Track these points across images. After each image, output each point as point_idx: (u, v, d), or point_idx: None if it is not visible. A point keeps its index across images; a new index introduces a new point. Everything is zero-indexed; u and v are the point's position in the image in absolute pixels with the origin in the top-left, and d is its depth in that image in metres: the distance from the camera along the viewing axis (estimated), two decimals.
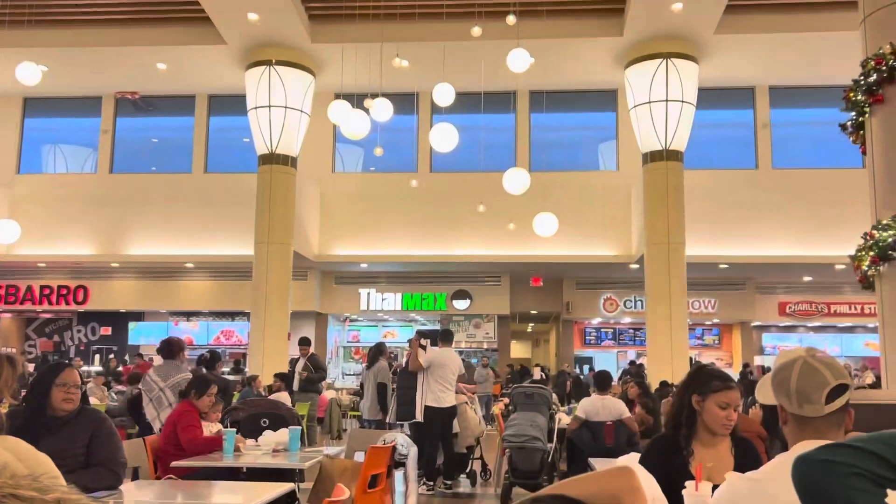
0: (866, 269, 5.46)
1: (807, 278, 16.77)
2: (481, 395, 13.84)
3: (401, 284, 17.04)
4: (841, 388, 1.82)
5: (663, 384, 10.19)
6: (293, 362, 11.24)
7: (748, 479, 1.86)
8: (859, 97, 5.51)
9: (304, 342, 10.47)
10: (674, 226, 12.21)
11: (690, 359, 12.90)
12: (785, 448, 1.86)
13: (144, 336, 18.10)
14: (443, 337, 7.61)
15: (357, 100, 10.01)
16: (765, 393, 1.94)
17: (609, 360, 18.80)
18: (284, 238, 12.80)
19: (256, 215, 12.81)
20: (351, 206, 15.27)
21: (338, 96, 12.82)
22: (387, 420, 8.63)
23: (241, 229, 13.81)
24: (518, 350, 22.40)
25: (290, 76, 12.90)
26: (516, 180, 10.08)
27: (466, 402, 7.97)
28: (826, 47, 12.10)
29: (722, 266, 14.86)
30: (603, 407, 6.27)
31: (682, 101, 12.33)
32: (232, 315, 17.67)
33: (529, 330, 22.26)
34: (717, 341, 19.39)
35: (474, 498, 7.55)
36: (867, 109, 5.52)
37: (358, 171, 16.07)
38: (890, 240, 5.19)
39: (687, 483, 2.49)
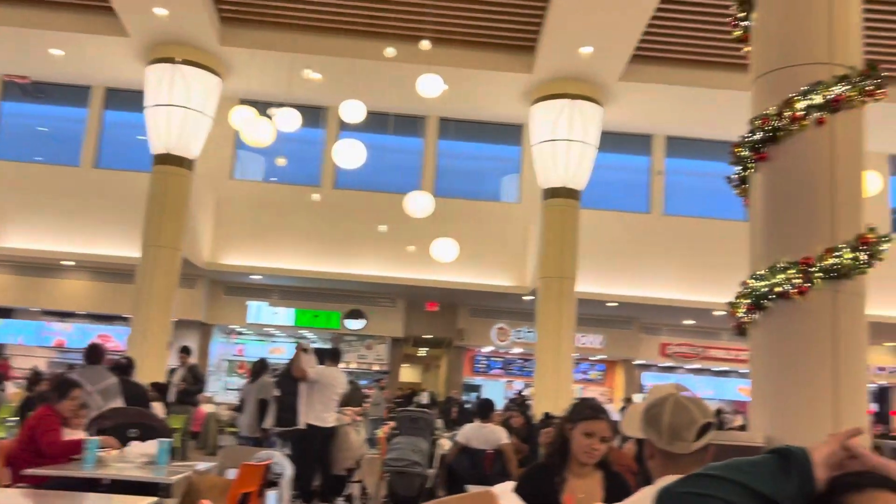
0: (741, 316, 5.71)
1: (688, 322, 17.52)
2: (374, 417, 13.72)
3: (293, 300, 16.70)
4: (707, 426, 1.88)
5: (546, 416, 10.36)
6: (171, 372, 10.77)
7: None
8: (745, 153, 5.80)
9: (184, 351, 10.06)
10: (567, 261, 12.52)
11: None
12: (650, 483, 1.89)
13: (12, 335, 16.95)
14: (330, 355, 7.47)
15: (264, 108, 9.81)
16: (632, 426, 1.98)
17: (497, 388, 19.00)
18: (174, 243, 12.31)
19: (146, 217, 12.27)
20: (248, 215, 14.88)
21: (244, 102, 12.57)
22: (264, 426, 8.33)
23: (127, 230, 13.20)
24: (409, 374, 22.28)
25: (195, 77, 12.51)
26: (419, 203, 10.11)
27: (350, 424, 7.84)
28: (720, 103, 12.77)
29: (610, 304, 15.34)
30: (483, 434, 6.30)
31: (584, 143, 12.73)
32: (110, 319, 16.79)
33: (422, 354, 22.22)
34: (601, 377, 19.94)
35: None
36: (752, 165, 5.81)
37: (258, 180, 15.72)
38: (764, 289, 5.45)
39: None
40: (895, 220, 16.36)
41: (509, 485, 3.40)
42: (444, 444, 7.36)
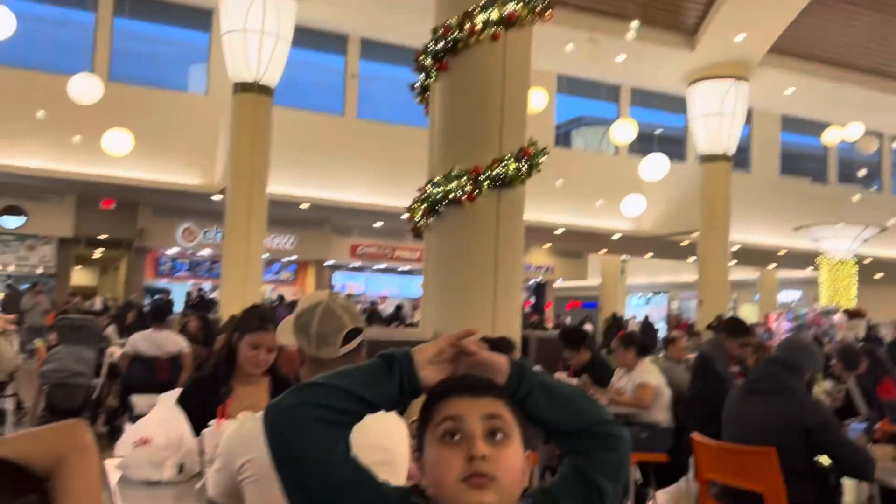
0: (418, 220, 6.01)
1: (378, 224, 18.16)
2: (35, 325, 12.60)
3: None
4: (355, 332, 1.89)
5: (232, 318, 10.15)
6: None
7: (257, 418, 1.84)
8: (428, 62, 5.97)
9: None
10: (259, 161, 12.08)
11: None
12: None
13: None
14: None
15: None
16: (286, 334, 1.94)
17: (183, 291, 18.23)
18: None
19: None
20: None
21: None
22: None
23: None
24: (82, 277, 20.36)
25: None
26: (86, 88, 9.03)
27: (1, 332, 6.95)
28: (413, 9, 12.93)
29: (303, 206, 15.29)
30: (154, 340, 5.96)
31: (278, 36, 12.17)
32: None
33: (98, 256, 20.41)
34: (292, 277, 20.08)
35: None
36: (433, 74, 6.01)
37: None
38: (439, 195, 5.75)
39: (211, 422, 2.43)
40: (558, 135, 18.34)
41: (174, 393, 3.25)
42: (115, 353, 6.88)
